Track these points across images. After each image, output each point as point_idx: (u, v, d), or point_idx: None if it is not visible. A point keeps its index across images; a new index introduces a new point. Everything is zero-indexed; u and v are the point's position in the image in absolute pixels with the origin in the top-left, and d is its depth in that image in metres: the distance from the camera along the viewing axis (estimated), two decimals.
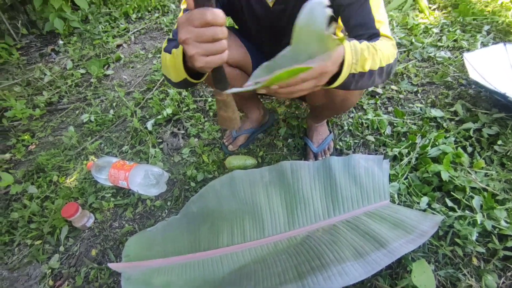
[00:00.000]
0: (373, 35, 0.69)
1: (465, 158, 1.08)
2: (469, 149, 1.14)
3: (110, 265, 0.87)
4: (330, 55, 0.49)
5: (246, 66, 1.02)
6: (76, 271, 1.01)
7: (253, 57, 1.02)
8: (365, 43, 0.60)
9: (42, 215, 1.14)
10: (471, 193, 0.98)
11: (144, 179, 1.14)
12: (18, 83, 1.92)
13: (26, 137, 1.50)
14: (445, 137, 1.17)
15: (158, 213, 1.11)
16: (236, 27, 1.04)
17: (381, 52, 0.61)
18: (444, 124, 1.25)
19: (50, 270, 1.01)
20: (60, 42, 2.40)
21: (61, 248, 1.04)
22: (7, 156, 1.44)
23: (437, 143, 1.14)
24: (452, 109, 1.31)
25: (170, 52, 0.68)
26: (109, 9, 2.77)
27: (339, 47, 0.52)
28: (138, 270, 0.87)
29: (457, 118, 1.27)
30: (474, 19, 1.88)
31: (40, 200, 1.20)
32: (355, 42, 0.58)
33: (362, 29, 0.71)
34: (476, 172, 1.05)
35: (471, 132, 1.18)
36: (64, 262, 1.03)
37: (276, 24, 0.89)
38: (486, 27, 1.77)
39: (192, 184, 1.16)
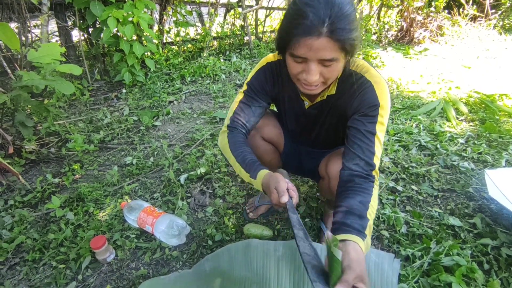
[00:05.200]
0: (369, 170, 0.82)
1: (479, 275, 1.07)
2: (486, 266, 1.13)
3: None
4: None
5: (278, 144, 1.21)
6: None
7: (286, 139, 1.21)
8: (371, 221, 0.75)
9: (73, 241, 1.25)
10: None
11: (168, 228, 1.24)
12: (82, 119, 2.23)
13: (76, 167, 1.70)
14: (461, 248, 1.18)
15: (173, 263, 1.18)
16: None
17: (374, 215, 0.78)
18: (462, 235, 1.26)
19: None
20: (124, 91, 2.80)
21: (80, 277, 1.12)
22: (56, 180, 1.63)
23: (451, 253, 1.15)
24: (471, 221, 1.33)
25: (239, 161, 0.91)
26: (170, 70, 3.23)
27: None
28: None
29: (475, 231, 1.28)
30: (500, 137, 1.97)
31: (74, 227, 1.32)
32: (367, 239, 0.71)
33: (362, 153, 0.82)
34: None
35: (489, 249, 1.19)
36: None
37: (308, 122, 1.07)
38: None
39: (210, 242, 1.24)
